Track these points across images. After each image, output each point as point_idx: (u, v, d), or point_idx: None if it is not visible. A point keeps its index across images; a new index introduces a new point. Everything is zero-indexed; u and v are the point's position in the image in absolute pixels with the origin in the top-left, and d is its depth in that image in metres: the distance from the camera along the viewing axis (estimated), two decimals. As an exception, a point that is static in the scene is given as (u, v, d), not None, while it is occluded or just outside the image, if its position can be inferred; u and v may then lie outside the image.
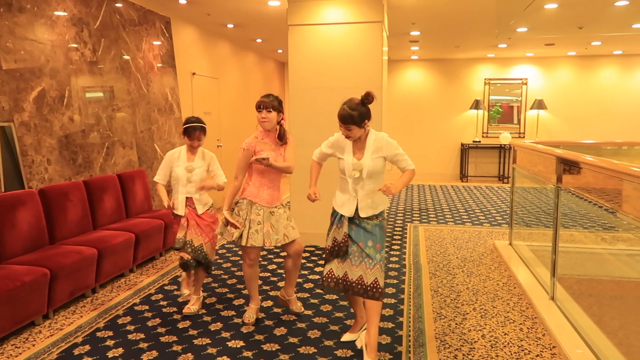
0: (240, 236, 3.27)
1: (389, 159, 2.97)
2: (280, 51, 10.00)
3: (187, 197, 3.58)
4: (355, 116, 2.79)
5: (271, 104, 3.29)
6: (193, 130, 3.55)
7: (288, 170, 3.38)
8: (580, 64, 10.64)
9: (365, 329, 2.96)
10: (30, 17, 4.16)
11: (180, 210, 3.57)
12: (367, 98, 2.82)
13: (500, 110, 11.06)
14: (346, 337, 3.18)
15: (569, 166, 3.54)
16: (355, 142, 2.94)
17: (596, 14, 6.33)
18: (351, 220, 2.91)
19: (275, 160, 3.30)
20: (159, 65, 6.10)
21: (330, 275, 2.93)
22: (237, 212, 3.33)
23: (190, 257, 3.51)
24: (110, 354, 2.99)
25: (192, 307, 3.63)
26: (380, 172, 2.96)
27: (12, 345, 3.14)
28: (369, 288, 2.79)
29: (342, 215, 2.92)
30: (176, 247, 3.56)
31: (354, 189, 2.89)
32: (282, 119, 3.38)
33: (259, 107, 3.31)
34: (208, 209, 3.67)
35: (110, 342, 3.15)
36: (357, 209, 2.88)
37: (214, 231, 3.60)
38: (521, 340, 3.19)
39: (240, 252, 5.04)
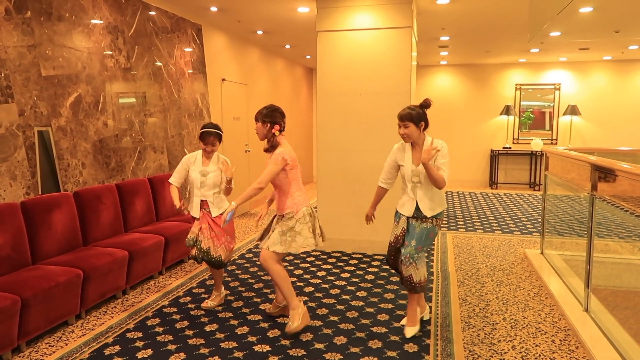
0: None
1: (435, 162, 3.18)
2: (308, 57, 10.05)
3: (202, 200, 3.73)
4: (413, 114, 3.15)
5: (258, 114, 3.40)
6: (208, 136, 3.68)
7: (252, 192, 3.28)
8: (616, 68, 10.34)
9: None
10: (69, 25, 4.30)
11: (195, 212, 3.74)
12: (424, 103, 3.19)
13: (532, 116, 10.83)
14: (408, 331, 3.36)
15: (604, 174, 3.43)
16: (414, 149, 3.25)
17: (634, 17, 6.14)
18: (408, 219, 3.26)
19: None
20: (190, 71, 6.21)
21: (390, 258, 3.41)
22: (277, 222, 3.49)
23: (196, 253, 3.71)
24: (139, 355, 3.05)
25: (210, 302, 3.86)
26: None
27: (46, 343, 3.23)
28: (405, 279, 3.24)
29: (401, 215, 3.28)
30: (187, 245, 3.75)
31: (413, 191, 3.23)
32: (272, 128, 3.34)
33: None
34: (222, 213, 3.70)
35: (139, 343, 3.20)
36: (417, 209, 3.21)
37: (229, 235, 3.78)
38: (553, 353, 3.10)
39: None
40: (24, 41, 3.86)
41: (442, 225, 3.34)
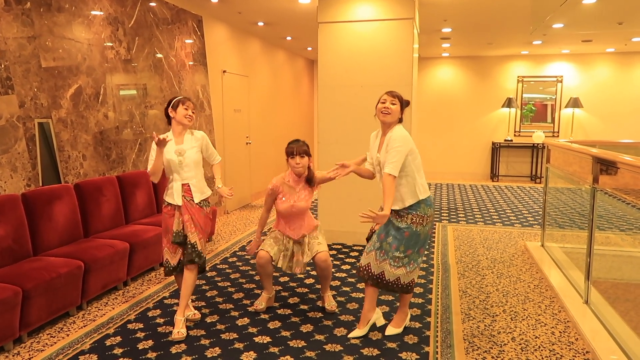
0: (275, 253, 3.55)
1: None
2: (310, 49, 10.01)
3: (182, 185, 3.22)
4: (402, 99, 3.05)
5: (302, 149, 3.44)
6: (186, 98, 3.23)
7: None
8: (619, 60, 10.28)
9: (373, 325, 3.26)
10: (69, 16, 4.28)
11: (177, 199, 3.21)
12: (405, 101, 3.09)
13: (534, 108, 10.80)
14: (355, 333, 3.20)
15: (606, 166, 3.42)
16: (383, 135, 3.05)
17: (637, 9, 6.09)
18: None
19: (295, 200, 3.48)
20: (191, 63, 6.19)
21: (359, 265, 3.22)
22: (274, 241, 3.56)
23: (181, 257, 3.28)
24: (140, 346, 3.06)
25: (180, 332, 3.19)
26: (403, 166, 2.97)
27: (47, 334, 3.25)
28: (374, 275, 3.06)
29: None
30: (176, 242, 3.23)
31: (380, 181, 3.01)
32: (310, 162, 3.52)
33: (292, 153, 3.43)
34: (205, 204, 3.31)
35: (140, 334, 3.22)
36: None
37: (207, 229, 3.34)
38: (553, 344, 3.11)
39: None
40: (23, 32, 3.84)
41: (429, 223, 3.00)
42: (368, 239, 3.22)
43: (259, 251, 3.52)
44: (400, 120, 3.05)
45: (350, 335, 3.17)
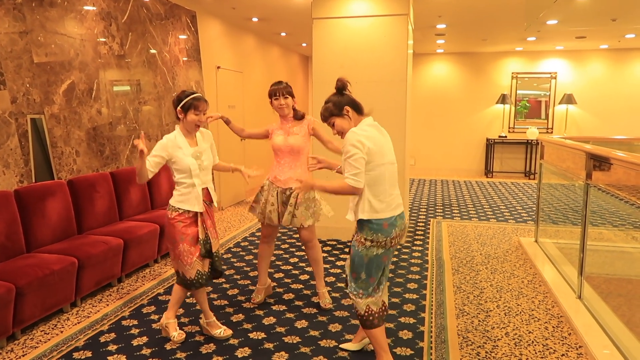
0: (260, 212, 3.55)
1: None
2: (304, 45, 9.99)
3: (202, 189, 3.01)
4: (330, 107, 2.56)
5: (286, 90, 3.42)
6: (202, 100, 2.94)
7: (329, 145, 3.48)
8: (612, 57, 10.32)
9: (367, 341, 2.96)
10: (61, 11, 4.24)
11: (199, 205, 2.97)
12: (338, 85, 2.61)
13: (528, 104, 10.83)
14: (346, 346, 2.99)
15: (599, 162, 3.44)
16: None
17: (630, 6, 6.12)
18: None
19: (290, 137, 3.44)
20: (185, 59, 6.16)
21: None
22: (260, 192, 3.58)
23: (206, 268, 3.06)
24: (135, 342, 3.05)
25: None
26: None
27: (41, 331, 3.24)
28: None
29: None
30: (205, 255, 2.99)
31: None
32: (294, 102, 3.50)
33: (275, 94, 3.41)
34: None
35: (135, 331, 3.21)
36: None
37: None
38: (546, 339, 3.13)
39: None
40: (15, 27, 3.81)
41: (378, 248, 2.50)
42: None
43: (264, 228, 3.57)
44: (357, 110, 2.58)
45: (341, 346, 3.01)
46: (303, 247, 3.62)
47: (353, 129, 2.50)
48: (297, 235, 5.45)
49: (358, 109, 2.60)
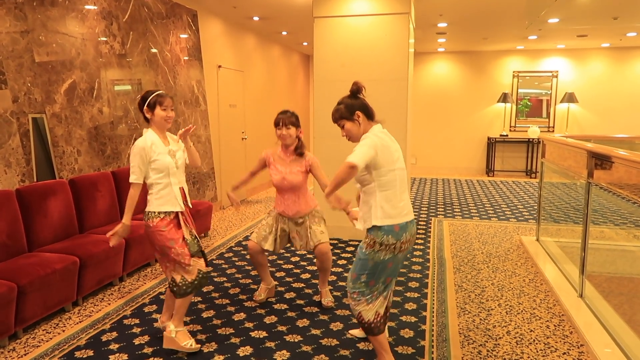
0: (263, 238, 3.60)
1: (366, 167, 2.48)
2: (305, 44, 9.98)
3: (180, 189, 2.93)
4: (342, 109, 2.57)
5: (289, 120, 3.42)
6: (166, 96, 2.89)
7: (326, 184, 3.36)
8: (614, 55, 10.30)
9: None
10: (62, 10, 4.25)
11: (179, 205, 2.89)
12: (353, 88, 2.63)
13: (529, 103, 10.82)
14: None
15: (600, 161, 3.44)
16: None
17: (632, 4, 6.11)
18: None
19: (289, 175, 3.46)
20: (186, 58, 6.16)
21: None
22: (270, 218, 3.62)
23: (200, 272, 2.93)
24: (136, 341, 3.06)
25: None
26: (363, 181, 2.52)
27: (43, 330, 3.24)
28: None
29: None
30: (194, 253, 2.91)
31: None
32: (300, 132, 3.50)
33: (278, 123, 3.43)
34: None
35: (136, 330, 3.22)
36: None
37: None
38: (547, 338, 3.13)
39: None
40: (16, 26, 3.81)
41: (386, 252, 2.46)
42: None
43: (249, 241, 3.59)
44: (368, 115, 2.60)
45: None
46: (315, 260, 3.65)
47: (369, 133, 2.52)
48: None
49: (369, 114, 2.60)
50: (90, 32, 4.57)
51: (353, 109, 2.57)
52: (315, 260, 3.69)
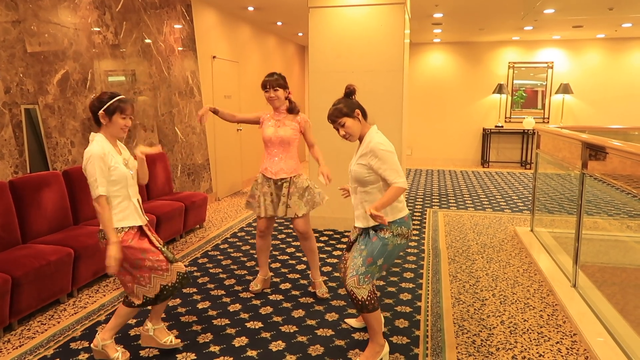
0: (257, 207, 3.55)
1: (373, 170, 2.55)
2: (300, 34, 9.93)
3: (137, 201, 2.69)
4: (342, 107, 2.59)
5: (276, 82, 3.39)
6: (128, 105, 2.58)
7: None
8: (609, 46, 10.31)
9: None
10: (54, 0, 4.20)
11: (140, 218, 2.65)
12: (347, 90, 2.69)
13: (524, 94, 10.82)
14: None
15: (595, 151, 3.45)
16: (360, 145, 2.66)
17: (627, -6, 6.10)
18: (363, 230, 2.67)
19: (281, 129, 3.45)
20: (180, 48, 6.11)
21: (342, 259, 2.91)
22: (254, 186, 3.58)
23: (177, 277, 2.72)
24: (132, 332, 3.06)
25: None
26: (367, 182, 2.59)
27: (38, 322, 3.24)
28: (349, 296, 2.62)
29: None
30: (171, 259, 2.68)
31: (353, 195, 2.69)
32: (289, 94, 3.47)
33: (265, 86, 3.41)
34: None
35: (132, 321, 3.22)
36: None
37: None
38: (541, 327, 3.16)
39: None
40: (7, 16, 3.76)
41: (408, 239, 2.62)
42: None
43: (258, 220, 3.56)
44: (364, 115, 2.65)
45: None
46: (298, 238, 3.61)
47: (376, 136, 2.58)
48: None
49: (365, 114, 2.67)
50: (83, 22, 4.52)
51: (353, 106, 2.63)
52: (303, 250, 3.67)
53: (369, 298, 2.59)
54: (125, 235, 2.56)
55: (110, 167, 2.50)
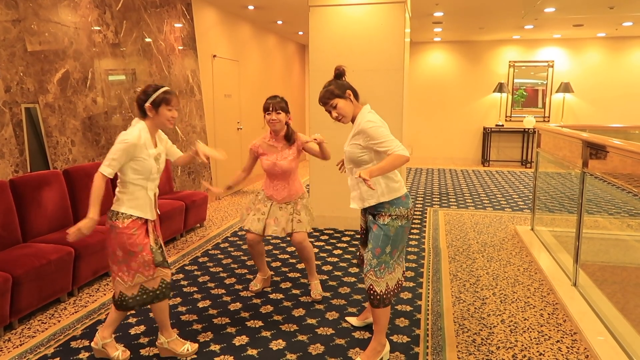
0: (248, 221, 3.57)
1: (369, 148, 2.53)
2: (301, 33, 9.92)
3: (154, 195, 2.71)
4: (333, 89, 2.58)
5: (279, 105, 3.35)
6: (174, 95, 2.62)
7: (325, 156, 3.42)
8: (609, 45, 10.30)
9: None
10: (54, -1, 4.20)
11: (152, 212, 2.66)
12: (336, 72, 2.66)
13: (525, 93, 10.82)
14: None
15: (595, 150, 3.44)
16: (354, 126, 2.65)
17: (628, -7, 6.09)
18: (365, 212, 2.71)
19: (278, 158, 3.44)
20: (180, 47, 6.11)
21: (359, 255, 2.96)
22: (252, 201, 3.62)
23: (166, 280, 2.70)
24: (132, 331, 3.06)
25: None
26: (362, 162, 2.58)
27: (38, 320, 3.24)
28: (366, 290, 2.61)
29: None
30: (161, 264, 2.64)
31: (349, 177, 2.67)
32: (289, 119, 3.43)
33: (268, 109, 3.36)
34: None
35: (132, 320, 3.22)
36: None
37: None
38: (541, 326, 3.16)
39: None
40: (8, 15, 3.76)
41: (409, 218, 2.61)
42: (361, 240, 2.90)
43: (248, 233, 3.53)
44: (356, 95, 2.64)
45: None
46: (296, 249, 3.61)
47: (368, 115, 2.56)
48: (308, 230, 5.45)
49: (356, 95, 2.65)
50: (83, 20, 4.52)
51: (344, 87, 2.60)
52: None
53: (386, 292, 2.59)
54: (131, 222, 2.55)
55: (139, 158, 2.52)
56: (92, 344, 2.73)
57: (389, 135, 2.48)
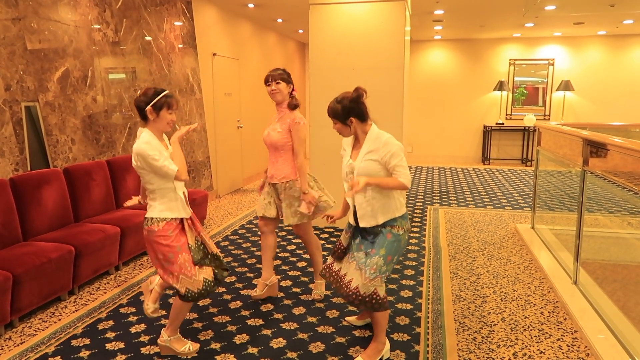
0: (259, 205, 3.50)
1: (384, 163, 2.56)
2: (301, 31, 9.91)
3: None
4: (338, 110, 2.61)
5: (279, 76, 3.27)
6: (174, 98, 2.65)
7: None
8: (610, 43, 10.28)
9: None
10: (53, -3, 4.19)
11: (185, 211, 2.69)
12: (354, 94, 2.62)
13: (525, 91, 10.80)
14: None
15: (596, 148, 3.44)
16: (355, 142, 2.71)
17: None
18: (358, 230, 2.71)
19: (272, 132, 3.31)
20: (180, 45, 6.10)
21: (328, 266, 2.90)
22: (263, 184, 3.51)
23: (215, 273, 2.79)
24: (132, 330, 3.07)
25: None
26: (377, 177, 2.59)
27: (39, 319, 3.24)
28: (368, 296, 2.57)
29: (350, 224, 2.77)
30: (198, 261, 2.69)
31: (357, 195, 2.63)
32: (292, 89, 3.33)
33: (267, 81, 3.28)
34: None
35: (132, 318, 3.22)
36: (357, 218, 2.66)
37: None
38: (542, 324, 3.16)
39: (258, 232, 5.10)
40: (7, 13, 3.76)
41: (409, 234, 2.74)
42: (335, 254, 2.86)
43: (258, 220, 3.49)
44: (362, 119, 2.64)
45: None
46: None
47: (379, 132, 2.63)
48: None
49: (364, 118, 2.64)
50: (83, 19, 4.52)
51: (348, 115, 2.61)
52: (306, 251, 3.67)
53: (384, 296, 2.65)
54: (166, 225, 2.60)
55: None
56: (158, 341, 2.80)
57: (405, 161, 2.58)
